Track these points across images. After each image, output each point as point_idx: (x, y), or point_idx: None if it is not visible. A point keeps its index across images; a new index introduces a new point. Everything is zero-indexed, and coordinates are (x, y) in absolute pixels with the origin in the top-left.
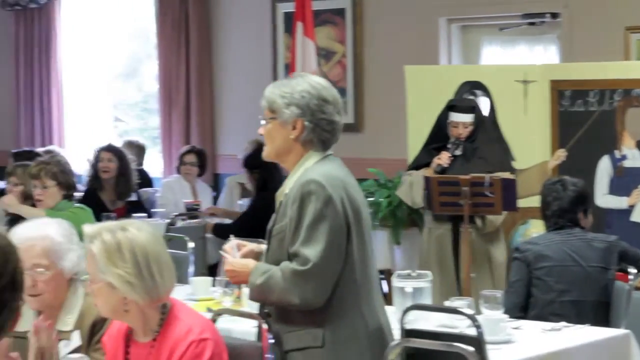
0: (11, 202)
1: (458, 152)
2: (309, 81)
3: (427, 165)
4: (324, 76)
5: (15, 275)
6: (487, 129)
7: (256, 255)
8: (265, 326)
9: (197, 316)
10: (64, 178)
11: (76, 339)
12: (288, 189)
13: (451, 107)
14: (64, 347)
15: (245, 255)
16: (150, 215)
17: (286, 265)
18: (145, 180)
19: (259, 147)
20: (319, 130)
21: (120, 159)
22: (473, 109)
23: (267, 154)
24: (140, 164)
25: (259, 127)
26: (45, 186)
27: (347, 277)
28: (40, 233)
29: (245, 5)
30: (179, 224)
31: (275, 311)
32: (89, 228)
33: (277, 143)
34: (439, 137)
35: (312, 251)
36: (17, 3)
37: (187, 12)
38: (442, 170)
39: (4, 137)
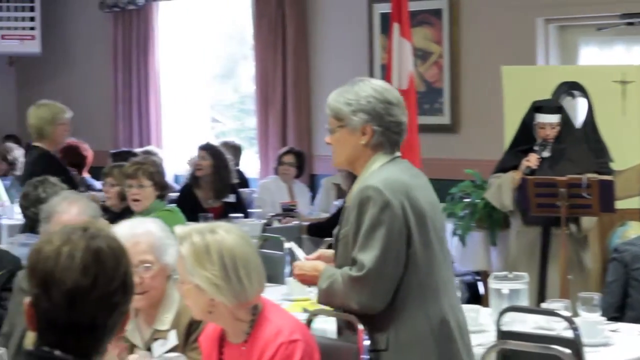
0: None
1: (546, 154)
2: (372, 85)
3: (514, 167)
4: (420, 77)
5: (125, 277)
6: (573, 130)
7: (328, 259)
8: (360, 327)
9: (287, 317)
10: (159, 178)
11: (173, 338)
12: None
13: (537, 108)
14: (161, 347)
15: (317, 259)
16: (247, 216)
17: (345, 271)
18: (242, 181)
19: None
20: (389, 133)
21: (213, 157)
22: (559, 109)
23: (337, 162)
24: (237, 164)
25: (327, 137)
26: (141, 185)
27: (410, 280)
28: (143, 229)
29: (342, 6)
30: (275, 224)
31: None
32: (180, 229)
33: (348, 150)
34: (524, 139)
35: (368, 257)
36: (116, 5)
37: (284, 13)
38: (531, 173)
39: (103, 138)
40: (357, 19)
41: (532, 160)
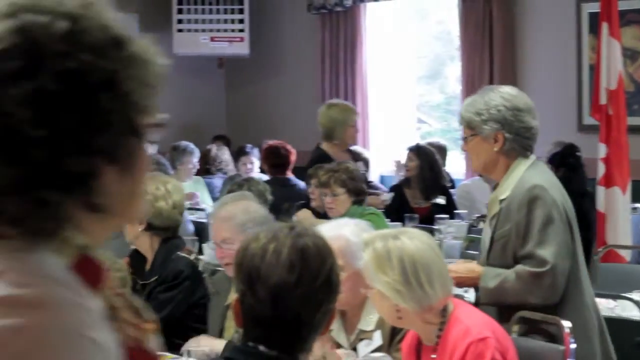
0: (305, 216)
1: None
2: (501, 94)
3: None
4: (629, 77)
5: (330, 276)
6: None
7: None
8: (567, 330)
9: (478, 316)
10: (352, 185)
11: (377, 339)
12: (504, 195)
13: None
14: (366, 347)
15: None
16: (452, 217)
17: (522, 268)
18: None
19: (566, 147)
20: (519, 138)
21: (420, 158)
22: None
23: (475, 168)
24: (443, 165)
25: (462, 144)
26: (335, 194)
27: (573, 274)
28: (335, 233)
29: (550, 5)
30: (481, 225)
31: (498, 311)
32: (366, 235)
33: (482, 157)
34: None
35: (548, 252)
36: (324, 6)
37: (491, 14)
38: None
39: (311, 138)
40: (565, 18)
41: None
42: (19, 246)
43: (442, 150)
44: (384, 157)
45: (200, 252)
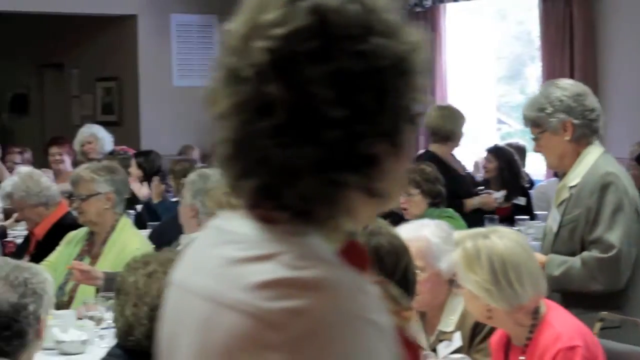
0: None
1: None
2: (558, 86)
3: None
4: None
5: (406, 274)
6: None
7: None
8: None
9: (570, 322)
10: (427, 186)
11: (457, 340)
12: (574, 182)
13: None
14: (445, 348)
15: None
16: (533, 218)
17: (588, 254)
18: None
19: None
20: (587, 121)
21: (498, 159)
22: None
23: (551, 165)
24: (522, 165)
25: (534, 146)
26: (409, 194)
27: (638, 262)
28: (415, 234)
29: (631, 4)
30: None
31: (563, 297)
32: (457, 234)
33: (556, 151)
34: None
35: (615, 237)
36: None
37: (572, 14)
38: None
39: None
40: None
41: None
42: (291, 230)
43: (522, 151)
44: (463, 158)
45: None
